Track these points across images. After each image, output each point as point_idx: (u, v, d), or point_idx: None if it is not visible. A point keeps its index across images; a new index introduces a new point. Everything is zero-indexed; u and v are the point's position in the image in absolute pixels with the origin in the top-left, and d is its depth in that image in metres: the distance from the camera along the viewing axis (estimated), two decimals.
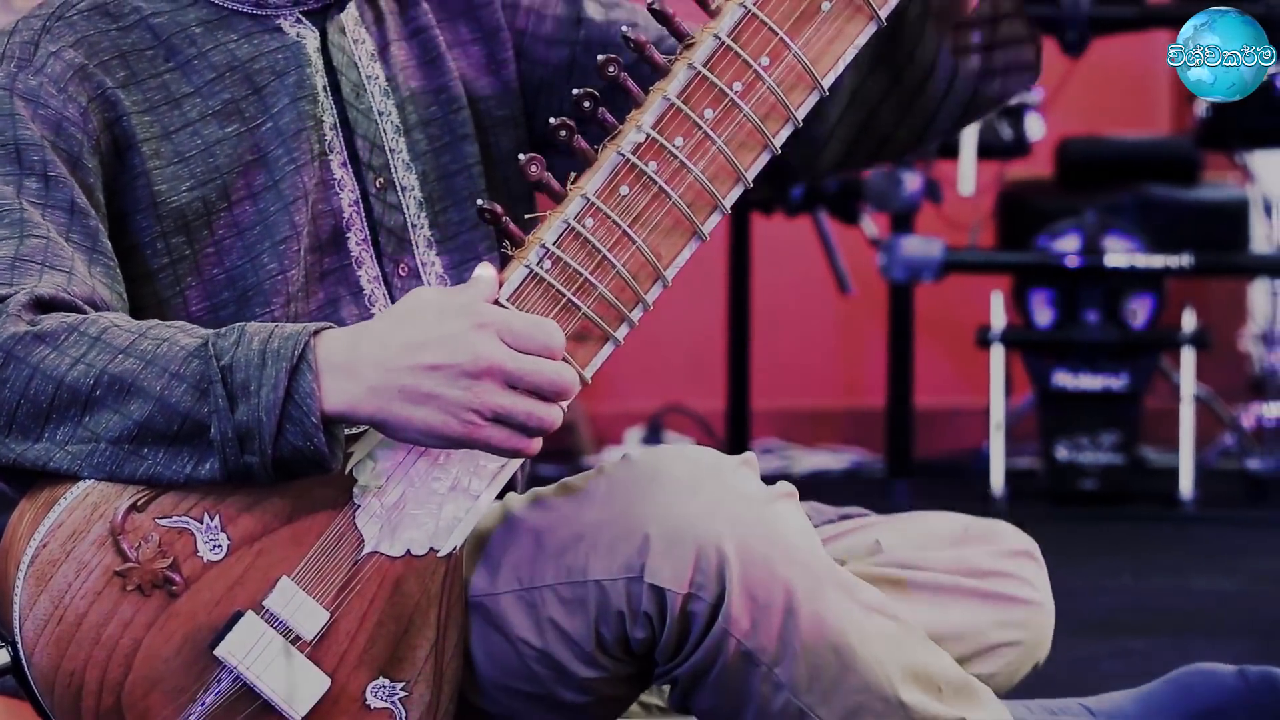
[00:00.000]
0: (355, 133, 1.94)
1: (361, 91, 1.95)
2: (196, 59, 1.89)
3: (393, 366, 1.69)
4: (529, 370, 1.70)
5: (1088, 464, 5.51)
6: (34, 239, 1.78)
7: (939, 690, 1.80)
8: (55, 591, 1.70)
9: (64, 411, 1.71)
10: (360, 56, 1.96)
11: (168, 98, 1.88)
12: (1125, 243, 5.57)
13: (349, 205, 1.92)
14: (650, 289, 1.80)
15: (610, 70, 1.79)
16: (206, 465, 1.70)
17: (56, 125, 1.83)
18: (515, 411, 1.70)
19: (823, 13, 1.82)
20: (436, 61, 2.01)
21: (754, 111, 1.80)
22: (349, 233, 1.92)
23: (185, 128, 1.87)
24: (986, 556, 1.99)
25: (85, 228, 1.81)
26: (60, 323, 1.72)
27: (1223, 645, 3.62)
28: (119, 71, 1.87)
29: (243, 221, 1.87)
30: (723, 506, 1.74)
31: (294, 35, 1.93)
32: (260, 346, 1.70)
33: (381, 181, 1.94)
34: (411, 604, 1.76)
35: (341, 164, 1.93)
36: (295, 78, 1.91)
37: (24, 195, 1.80)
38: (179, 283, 1.87)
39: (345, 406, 1.70)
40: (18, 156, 1.81)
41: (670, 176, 1.79)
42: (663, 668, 1.79)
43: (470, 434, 1.70)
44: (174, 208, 1.86)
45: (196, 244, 1.87)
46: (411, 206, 1.96)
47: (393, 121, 1.96)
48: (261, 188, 1.88)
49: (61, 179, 1.81)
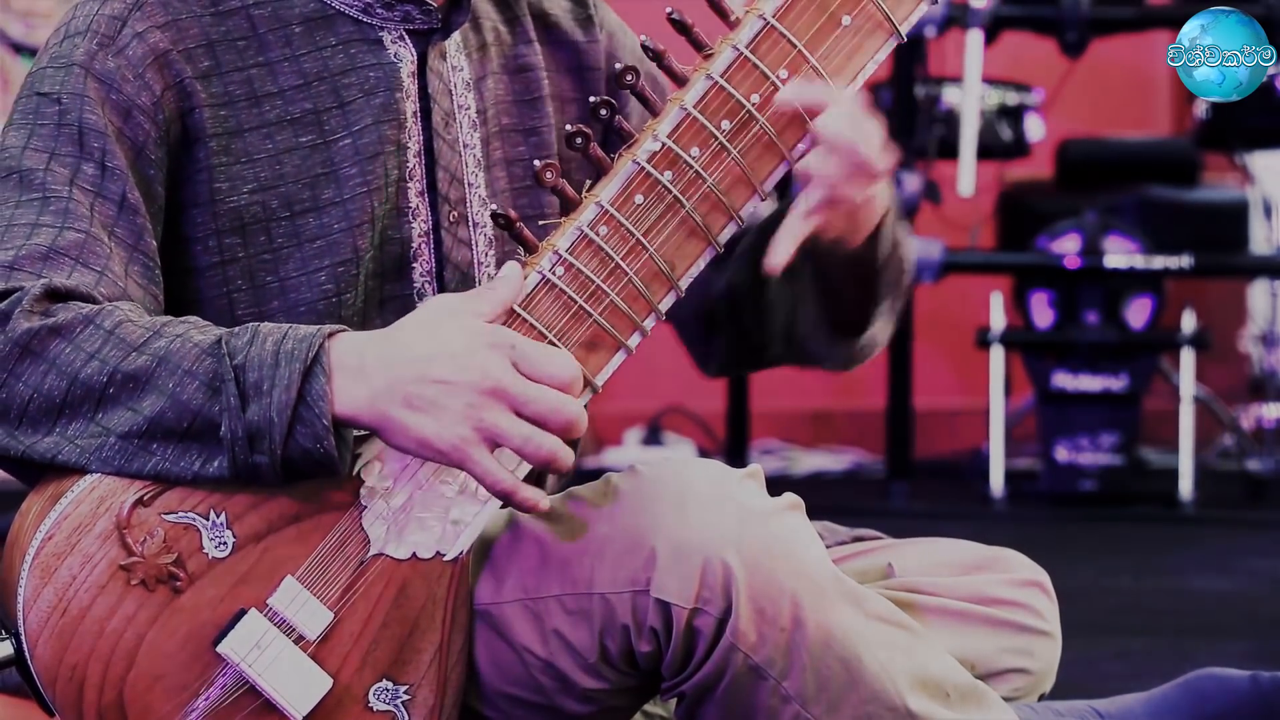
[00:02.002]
0: (438, 163, 1.91)
1: (450, 121, 1.93)
2: (288, 60, 1.87)
3: (402, 375, 1.69)
4: (533, 396, 1.69)
5: (1087, 465, 5.52)
6: (74, 232, 1.77)
7: (947, 696, 1.80)
8: (60, 584, 1.70)
9: (77, 407, 1.71)
10: (455, 84, 1.94)
11: (249, 94, 1.86)
12: (1125, 244, 5.58)
13: (419, 235, 1.90)
14: (663, 298, 1.79)
15: (628, 79, 1.78)
16: (215, 463, 1.70)
17: (126, 112, 1.82)
18: (512, 435, 1.69)
19: (843, 26, 1.81)
20: (536, 104, 1.99)
21: (771, 124, 1.80)
22: (415, 263, 1.90)
23: (260, 128, 1.86)
24: (998, 585, 1.98)
25: (132, 225, 1.80)
26: (75, 315, 1.72)
27: (1222, 646, 3.63)
28: (203, 61, 1.85)
29: (304, 234, 1.86)
30: (729, 520, 1.74)
31: (392, 54, 1.90)
32: (274, 347, 1.70)
33: (456, 215, 1.92)
34: (416, 607, 1.76)
35: (419, 192, 1.91)
36: (383, 100, 1.89)
37: (78, 181, 1.79)
38: (227, 284, 1.85)
39: (352, 410, 1.70)
40: (80, 140, 1.80)
41: (685, 186, 1.78)
42: (669, 682, 1.78)
43: (462, 454, 1.69)
44: (231, 207, 1.85)
45: (252, 247, 1.85)
46: (480, 243, 1.94)
47: (475, 155, 1.94)
48: (328, 203, 1.86)
49: (118, 171, 1.80)
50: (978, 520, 5.31)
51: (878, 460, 6.15)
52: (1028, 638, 1.97)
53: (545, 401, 1.69)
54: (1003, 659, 1.95)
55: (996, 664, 1.95)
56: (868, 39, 1.82)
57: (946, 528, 2.53)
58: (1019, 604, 1.98)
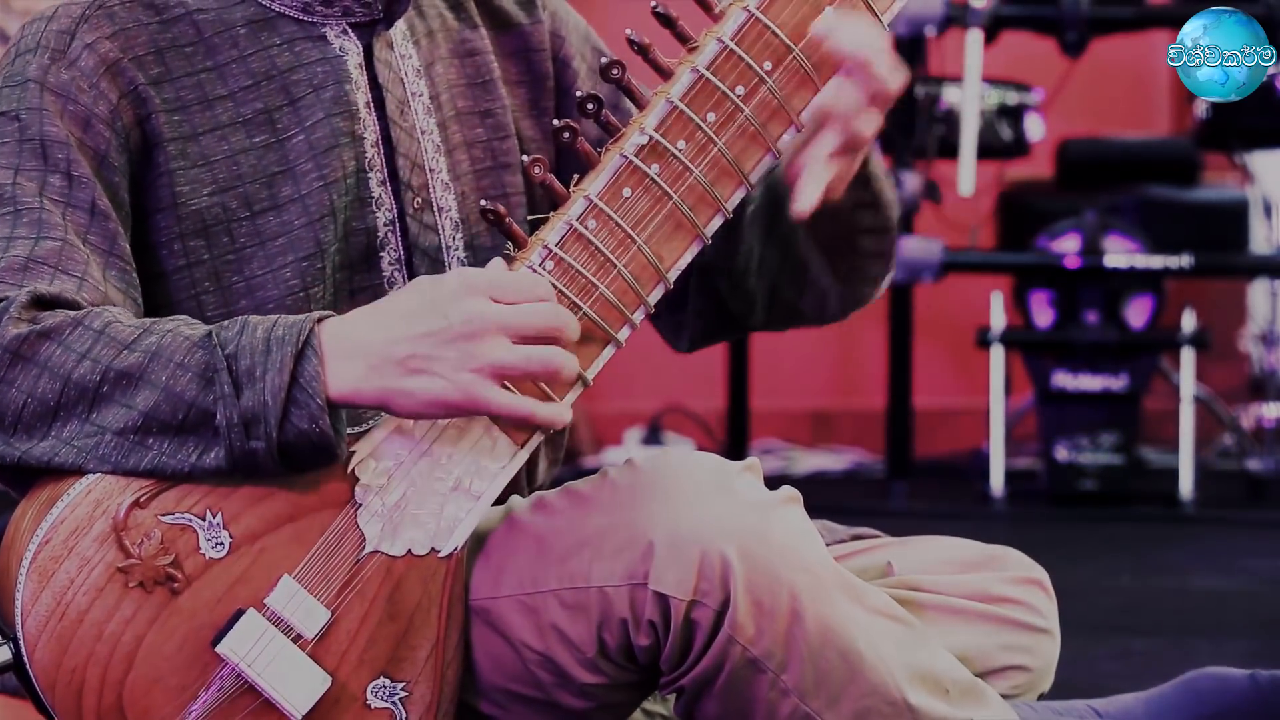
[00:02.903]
0: (397, 151, 1.92)
1: (406, 108, 1.93)
2: (236, 62, 1.88)
3: (390, 339, 1.70)
4: (523, 315, 1.71)
5: (1088, 464, 5.51)
6: (50, 241, 1.78)
7: (946, 692, 1.80)
8: (57, 588, 1.70)
9: (71, 408, 1.71)
10: (406, 72, 1.95)
11: (201, 98, 1.87)
12: (1125, 243, 5.58)
13: (384, 224, 1.91)
14: (652, 290, 1.80)
15: (614, 73, 1.79)
16: (212, 454, 1.70)
17: (85, 122, 1.83)
18: (516, 362, 1.70)
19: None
20: (488, 86, 2.00)
21: (756, 115, 1.80)
22: (383, 252, 1.91)
23: (214, 130, 1.87)
24: (997, 583, 1.98)
25: (104, 230, 1.81)
26: (63, 318, 1.72)
27: (1222, 645, 3.62)
28: (153, 68, 1.86)
29: (266, 232, 1.87)
30: (726, 513, 1.74)
31: (337, 48, 1.91)
32: (265, 334, 1.70)
33: (420, 201, 1.93)
34: (412, 604, 1.76)
35: (380, 182, 1.91)
36: (333, 93, 1.89)
37: (47, 193, 1.80)
38: (195, 286, 1.86)
39: (350, 389, 1.70)
40: (44, 153, 1.81)
41: (673, 179, 1.79)
42: (668, 676, 1.78)
43: (473, 396, 1.70)
44: (193, 210, 1.86)
45: (215, 249, 1.86)
46: (447, 228, 1.95)
47: (434, 140, 1.95)
48: (286, 200, 1.87)
49: (85, 179, 1.81)
50: (978, 520, 5.30)
51: (878, 460, 6.15)
52: (1027, 635, 1.97)
53: (535, 314, 1.71)
54: (1002, 656, 1.95)
55: (995, 661, 1.95)
56: None
57: (946, 527, 2.53)
58: (1018, 601, 1.98)
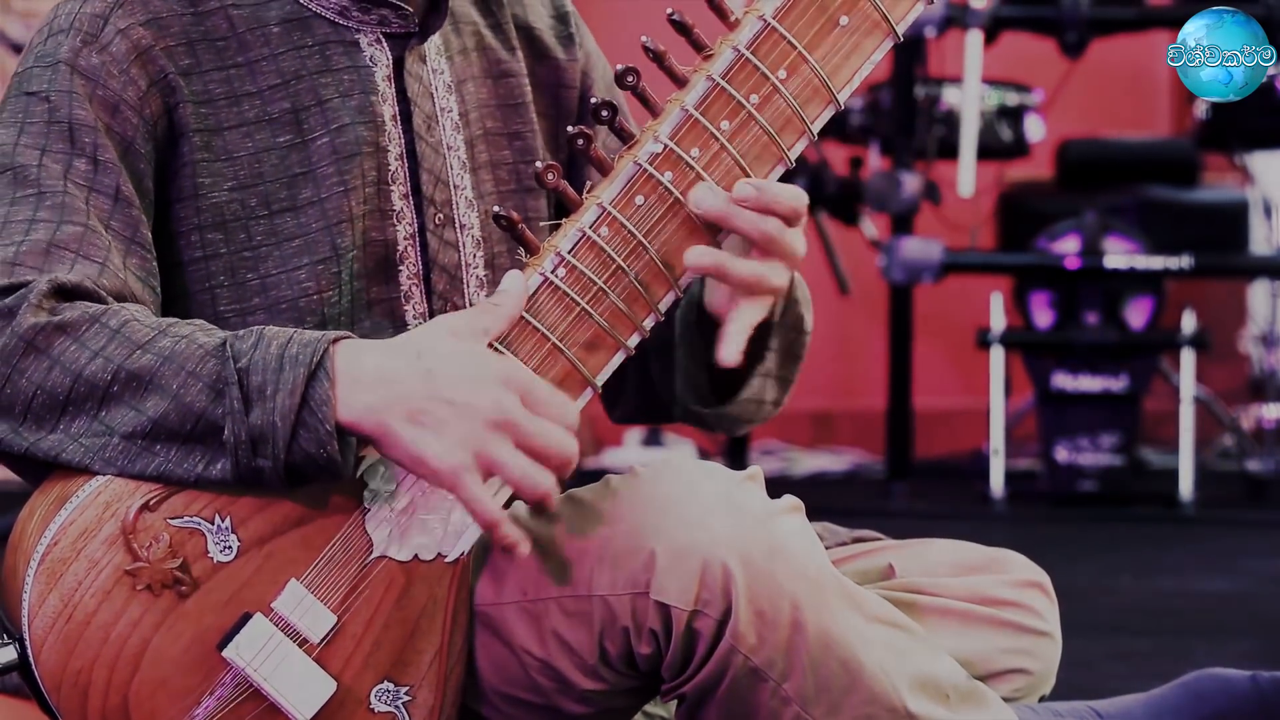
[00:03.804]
0: (421, 165, 1.92)
1: (433, 123, 1.93)
2: (266, 60, 1.88)
3: (411, 390, 1.69)
4: (541, 432, 1.70)
5: (1088, 465, 5.52)
6: (72, 225, 1.77)
7: (947, 697, 1.80)
8: (65, 589, 1.70)
9: (80, 404, 1.71)
10: (436, 87, 1.94)
11: (229, 93, 1.87)
12: (1125, 244, 5.58)
13: (405, 238, 1.91)
14: (663, 298, 1.80)
15: (629, 80, 1.79)
16: (218, 466, 1.70)
17: (114, 108, 1.82)
18: (511, 468, 1.69)
19: (840, 27, 1.81)
20: (519, 109, 2.00)
21: (770, 124, 1.80)
22: (401, 265, 1.91)
23: (239, 127, 1.86)
24: (998, 585, 1.98)
25: (128, 217, 1.81)
26: (82, 313, 1.72)
27: (1223, 646, 3.63)
28: (184, 59, 1.85)
29: (283, 232, 1.86)
30: (728, 523, 1.74)
31: (367, 57, 1.90)
32: (279, 351, 1.70)
33: (441, 218, 1.93)
34: (418, 609, 1.76)
35: (403, 195, 1.91)
36: (358, 102, 1.89)
37: (71, 176, 1.80)
38: (210, 279, 1.86)
39: (354, 417, 1.69)
40: (71, 136, 1.81)
41: (686, 187, 1.79)
42: (669, 684, 1.78)
43: (455, 473, 1.68)
44: (213, 203, 1.85)
45: (232, 244, 1.86)
46: (468, 245, 1.94)
47: (460, 157, 1.94)
48: (305, 202, 1.87)
49: (110, 164, 1.81)
50: (978, 520, 5.31)
51: (878, 461, 6.15)
52: (1028, 638, 1.97)
53: (551, 436, 1.70)
54: (1003, 659, 1.95)
55: (996, 664, 1.95)
56: (865, 39, 1.82)
57: (946, 528, 2.54)
58: (1019, 604, 1.98)
